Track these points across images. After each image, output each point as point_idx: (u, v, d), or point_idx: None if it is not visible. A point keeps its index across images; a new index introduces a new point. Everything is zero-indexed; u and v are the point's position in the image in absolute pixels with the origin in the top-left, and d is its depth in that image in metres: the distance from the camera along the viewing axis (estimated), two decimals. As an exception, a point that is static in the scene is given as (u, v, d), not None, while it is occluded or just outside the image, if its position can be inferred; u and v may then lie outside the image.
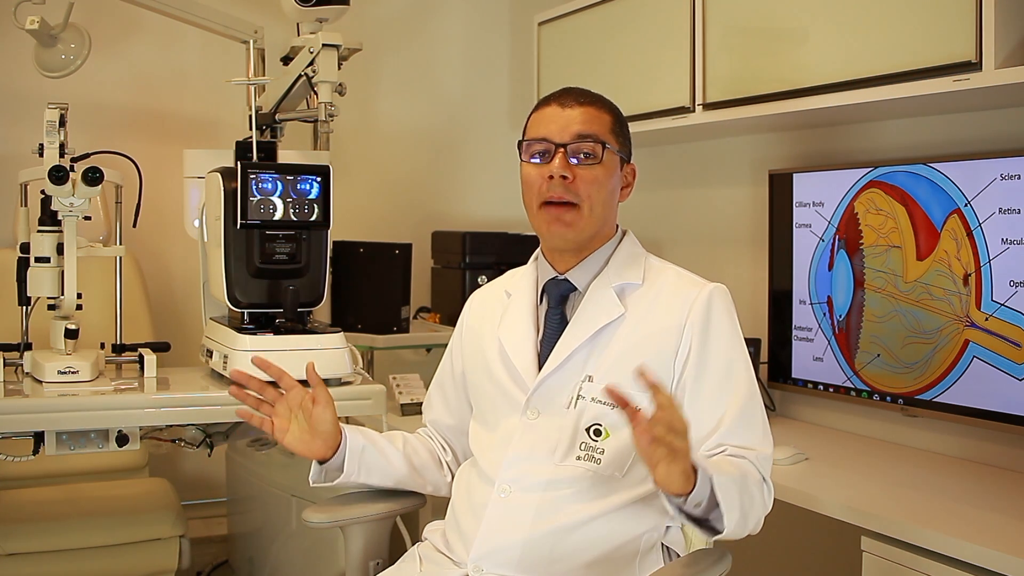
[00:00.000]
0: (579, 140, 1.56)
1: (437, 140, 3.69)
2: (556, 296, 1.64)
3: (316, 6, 2.50)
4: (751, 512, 1.45)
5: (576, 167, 1.56)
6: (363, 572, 1.79)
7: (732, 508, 1.39)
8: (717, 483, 1.37)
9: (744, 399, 1.54)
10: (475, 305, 1.80)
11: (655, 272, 1.63)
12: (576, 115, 1.58)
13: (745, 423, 1.53)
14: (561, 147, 1.56)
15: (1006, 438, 2.07)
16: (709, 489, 1.37)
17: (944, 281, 2.12)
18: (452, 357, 1.80)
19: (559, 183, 1.55)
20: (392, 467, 1.74)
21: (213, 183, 2.29)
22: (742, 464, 1.48)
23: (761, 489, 1.49)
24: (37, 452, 2.11)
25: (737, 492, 1.40)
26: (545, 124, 1.59)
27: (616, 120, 1.62)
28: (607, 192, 1.59)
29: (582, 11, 2.96)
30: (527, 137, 1.61)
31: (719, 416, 1.52)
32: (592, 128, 1.57)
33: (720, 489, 1.37)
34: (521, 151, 1.62)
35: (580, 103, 1.59)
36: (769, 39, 2.34)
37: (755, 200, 2.73)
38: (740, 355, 1.57)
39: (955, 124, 2.21)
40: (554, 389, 1.58)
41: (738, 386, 1.54)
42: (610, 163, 1.59)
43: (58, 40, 2.61)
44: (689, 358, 1.54)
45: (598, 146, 1.57)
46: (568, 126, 1.57)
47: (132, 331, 2.58)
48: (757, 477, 1.49)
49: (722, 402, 1.53)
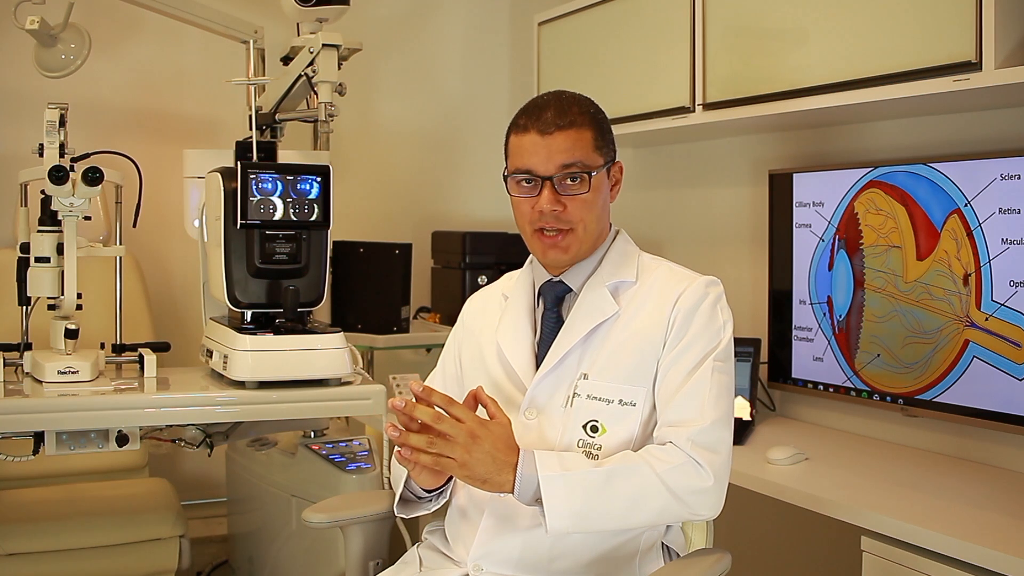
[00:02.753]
0: (564, 169, 1.56)
1: (437, 140, 3.69)
2: (552, 298, 1.65)
3: (316, 6, 2.50)
4: (632, 499, 1.43)
5: (565, 197, 1.56)
6: (363, 572, 1.79)
7: (559, 505, 1.41)
8: (543, 480, 1.42)
9: (698, 375, 1.51)
10: (473, 308, 1.80)
11: (648, 269, 1.64)
12: (558, 143, 1.55)
13: (687, 396, 1.51)
14: (547, 179, 1.56)
15: (1006, 438, 2.07)
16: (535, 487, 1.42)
17: (944, 281, 2.12)
18: (451, 358, 1.80)
19: (551, 215, 1.56)
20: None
21: (213, 183, 2.29)
22: (631, 458, 1.46)
23: (674, 473, 1.44)
24: (37, 452, 2.11)
25: (578, 487, 1.42)
26: (527, 156, 1.57)
27: (597, 131, 1.59)
28: (599, 208, 1.60)
29: (582, 11, 2.96)
30: (510, 169, 1.60)
31: (672, 391, 1.52)
32: (575, 155, 1.56)
33: (546, 486, 1.41)
34: (507, 183, 1.61)
35: (559, 127, 1.55)
36: (769, 39, 2.34)
37: (755, 200, 2.73)
38: (714, 334, 1.55)
39: (955, 124, 2.21)
40: (551, 388, 1.58)
41: (702, 364, 1.52)
42: (598, 181, 1.59)
43: (58, 40, 2.61)
44: (668, 341, 1.55)
45: (584, 174, 1.56)
46: (551, 157, 1.55)
47: (132, 331, 2.58)
48: (661, 465, 1.44)
49: (681, 378, 1.52)
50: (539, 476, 1.42)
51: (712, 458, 1.47)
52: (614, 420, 1.54)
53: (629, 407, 1.54)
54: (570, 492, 1.42)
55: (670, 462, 1.45)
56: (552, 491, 1.41)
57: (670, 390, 1.53)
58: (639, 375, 1.55)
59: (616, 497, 1.43)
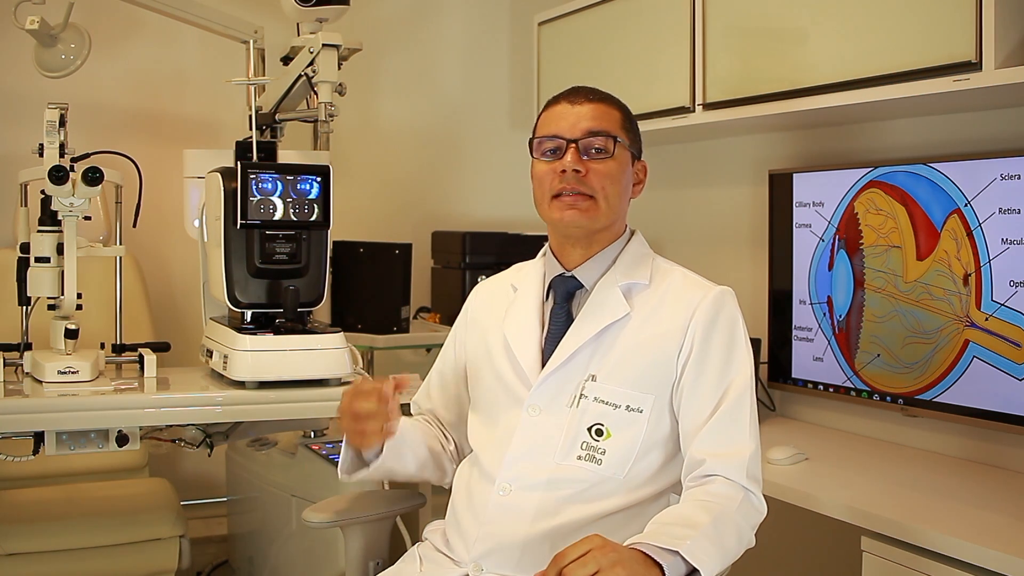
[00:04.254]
0: (590, 135, 1.57)
1: (437, 140, 3.69)
2: (563, 293, 1.64)
3: (316, 6, 2.50)
4: (738, 542, 1.43)
5: (588, 162, 1.56)
6: (363, 572, 1.79)
7: (711, 561, 1.35)
8: (688, 554, 1.32)
9: (732, 401, 1.51)
10: (480, 297, 1.79)
11: (662, 273, 1.63)
12: (586, 111, 1.58)
13: (727, 424, 1.50)
14: (573, 143, 1.56)
15: (1006, 438, 2.07)
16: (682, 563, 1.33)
17: (944, 281, 2.12)
18: (455, 347, 1.79)
19: (572, 176, 1.55)
20: (417, 450, 1.70)
21: (213, 183, 2.29)
22: (712, 505, 1.44)
23: (742, 509, 1.46)
24: (37, 452, 2.11)
25: (710, 543, 1.37)
26: (555, 121, 1.59)
27: (626, 117, 1.63)
28: (621, 186, 1.59)
29: (582, 11, 2.96)
30: (538, 135, 1.61)
31: (706, 416, 1.51)
32: (603, 124, 1.58)
33: (693, 558, 1.33)
34: (532, 149, 1.62)
35: (590, 100, 1.60)
36: (769, 39, 2.34)
37: (755, 200, 2.73)
38: (740, 357, 1.55)
39: (955, 124, 2.21)
40: (557, 387, 1.57)
41: (730, 388, 1.52)
42: (622, 158, 1.59)
43: (58, 40, 2.61)
44: (690, 359, 1.54)
45: (609, 140, 1.57)
46: (579, 122, 1.57)
47: (132, 331, 2.58)
48: (733, 504, 1.45)
49: (713, 403, 1.51)
50: (683, 554, 1.33)
51: (759, 487, 1.50)
52: (620, 425, 1.53)
53: (636, 413, 1.54)
54: (710, 550, 1.36)
55: (735, 498, 1.46)
56: (702, 558, 1.34)
57: (703, 415, 1.51)
58: (649, 382, 1.54)
59: (728, 538, 1.42)
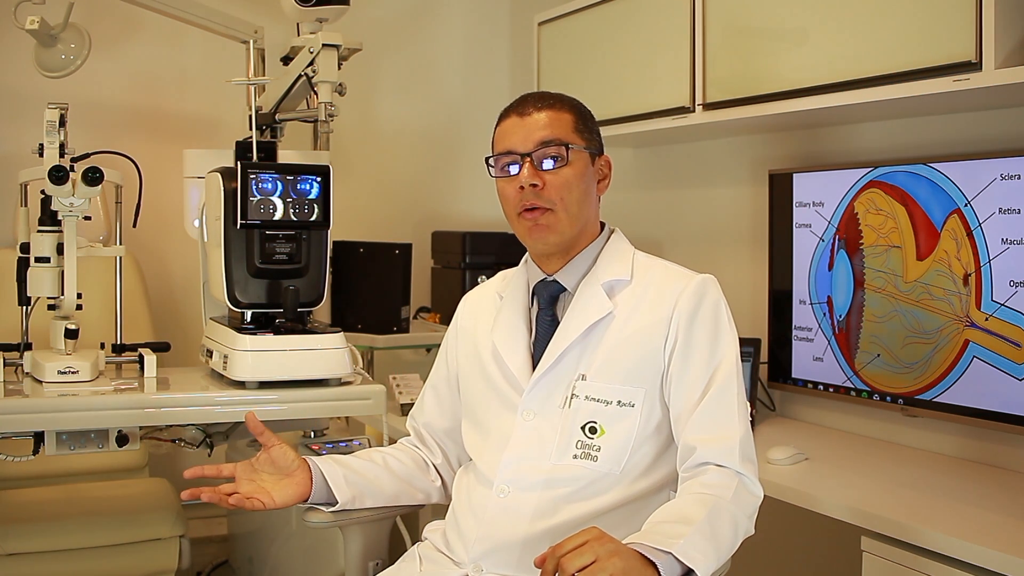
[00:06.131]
0: (542, 147, 1.57)
1: (437, 140, 3.69)
2: (546, 297, 1.64)
3: (316, 6, 2.50)
4: (734, 533, 1.42)
5: (544, 173, 1.57)
6: (363, 572, 1.79)
7: (706, 559, 1.33)
8: (681, 554, 1.31)
9: (720, 386, 1.51)
10: (468, 307, 1.80)
11: (643, 268, 1.63)
12: (536, 122, 1.58)
13: (715, 409, 1.50)
14: (526, 156, 1.57)
15: (1006, 438, 2.07)
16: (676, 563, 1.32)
17: (944, 281, 2.12)
18: (447, 358, 1.80)
19: (530, 192, 1.56)
20: (378, 486, 1.71)
21: (213, 183, 2.29)
22: (707, 498, 1.43)
23: (738, 497, 1.45)
24: (37, 452, 2.11)
25: (704, 540, 1.35)
26: (508, 137, 1.59)
27: (578, 117, 1.62)
28: (580, 192, 1.59)
29: (582, 11, 2.96)
30: (494, 152, 1.62)
31: (695, 402, 1.51)
32: (554, 131, 1.57)
33: (686, 558, 1.31)
34: (489, 168, 1.62)
35: (539, 108, 1.59)
36: (769, 39, 2.34)
37: (755, 200, 2.73)
38: (725, 341, 1.55)
39: (955, 124, 2.21)
40: (548, 389, 1.58)
41: (717, 373, 1.52)
42: (578, 162, 1.59)
43: (58, 40, 2.62)
44: (676, 348, 1.54)
45: (562, 148, 1.57)
46: (529, 135, 1.57)
47: (132, 331, 2.58)
48: (728, 493, 1.44)
49: (700, 390, 1.51)
50: (676, 555, 1.31)
51: (753, 468, 1.50)
52: (613, 421, 1.54)
53: (628, 408, 1.54)
54: (704, 547, 1.35)
55: (729, 487, 1.45)
56: (695, 556, 1.33)
57: (692, 401, 1.51)
58: (638, 376, 1.55)
59: (724, 531, 1.40)
